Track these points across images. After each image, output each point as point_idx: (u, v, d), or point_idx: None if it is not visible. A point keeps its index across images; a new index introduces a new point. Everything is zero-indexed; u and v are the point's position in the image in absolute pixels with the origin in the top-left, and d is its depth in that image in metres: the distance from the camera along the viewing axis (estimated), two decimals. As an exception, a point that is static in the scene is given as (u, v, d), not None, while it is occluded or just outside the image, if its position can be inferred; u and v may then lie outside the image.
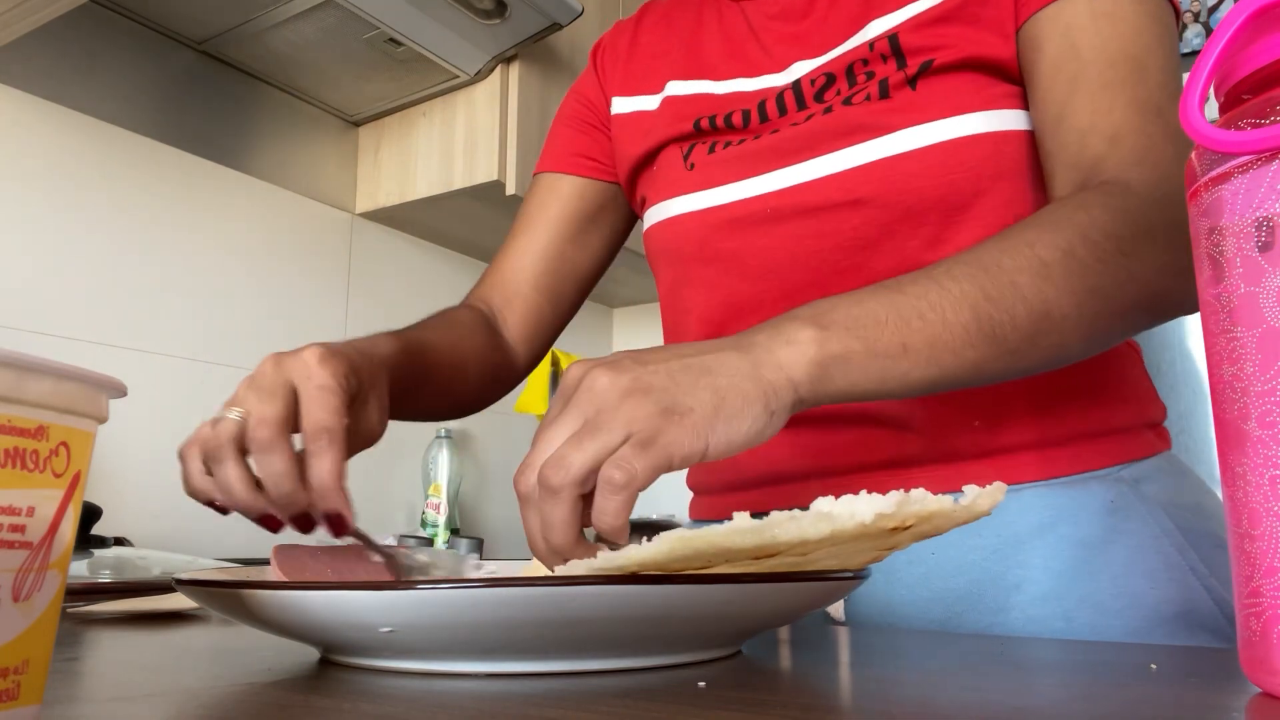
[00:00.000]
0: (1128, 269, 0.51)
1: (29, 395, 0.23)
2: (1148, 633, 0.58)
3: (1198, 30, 1.82)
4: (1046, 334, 0.50)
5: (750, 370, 0.44)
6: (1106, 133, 0.57)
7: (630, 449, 0.40)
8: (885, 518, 0.33)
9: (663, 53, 0.80)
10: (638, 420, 0.41)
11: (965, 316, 0.48)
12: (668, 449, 0.41)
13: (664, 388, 0.42)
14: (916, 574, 0.63)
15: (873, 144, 0.63)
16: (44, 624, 0.24)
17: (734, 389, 0.43)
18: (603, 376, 0.42)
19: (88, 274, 1.28)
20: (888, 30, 0.65)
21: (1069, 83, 0.59)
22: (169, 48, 1.41)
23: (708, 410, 0.42)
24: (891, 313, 0.48)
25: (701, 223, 0.71)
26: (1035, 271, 0.50)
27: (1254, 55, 0.30)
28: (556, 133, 0.86)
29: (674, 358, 0.44)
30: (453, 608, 0.32)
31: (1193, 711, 0.29)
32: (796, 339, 0.45)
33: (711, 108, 0.73)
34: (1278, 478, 0.28)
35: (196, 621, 0.58)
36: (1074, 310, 0.50)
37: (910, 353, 0.48)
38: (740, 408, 0.43)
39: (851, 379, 0.47)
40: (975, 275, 0.49)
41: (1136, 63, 0.58)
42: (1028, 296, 0.49)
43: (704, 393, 0.42)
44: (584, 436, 0.41)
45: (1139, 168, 0.55)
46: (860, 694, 0.34)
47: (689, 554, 0.33)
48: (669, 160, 0.75)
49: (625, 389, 0.42)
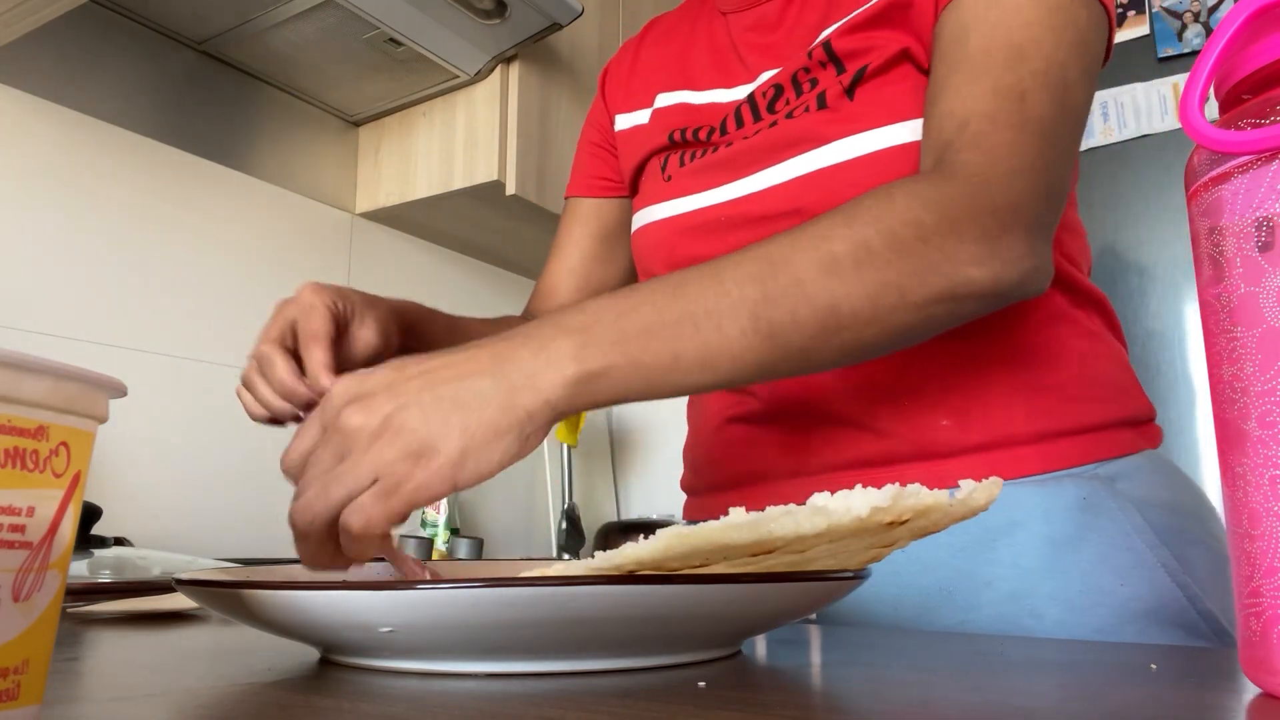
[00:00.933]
0: (926, 259, 0.50)
1: (29, 395, 0.23)
2: (1117, 629, 0.59)
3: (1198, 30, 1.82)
4: (836, 331, 0.49)
5: (504, 400, 0.44)
6: (959, 116, 0.56)
7: (371, 497, 0.42)
8: (880, 511, 0.33)
9: (658, 67, 0.84)
10: (384, 465, 0.42)
11: (743, 322, 0.48)
12: (413, 495, 0.42)
13: (414, 428, 0.43)
14: (888, 571, 0.63)
15: (811, 155, 0.65)
16: (44, 624, 0.24)
17: (485, 424, 0.44)
18: (355, 416, 0.44)
19: (87, 274, 1.28)
20: (824, 37, 0.67)
21: (948, 69, 0.58)
22: (169, 48, 1.41)
23: (455, 453, 0.43)
24: (664, 321, 0.47)
25: (671, 228, 0.74)
26: (824, 267, 0.49)
27: (1254, 55, 0.30)
28: (578, 158, 0.92)
29: (428, 387, 0.44)
30: (453, 608, 0.32)
31: (1193, 711, 0.29)
32: (556, 357, 0.45)
33: (686, 119, 0.77)
34: (1278, 478, 0.28)
35: (196, 621, 0.58)
36: (866, 305, 0.49)
37: (681, 362, 0.47)
38: (491, 442, 0.44)
39: (615, 392, 0.47)
40: (758, 275, 0.48)
41: (1016, 51, 0.56)
42: (812, 295, 0.48)
43: (454, 432, 0.43)
44: (331, 483, 0.43)
45: (971, 152, 0.54)
46: (860, 694, 0.34)
47: (686, 550, 0.33)
48: (651, 171, 0.79)
49: (375, 432, 0.43)
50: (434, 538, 1.66)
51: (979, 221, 0.51)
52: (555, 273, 0.88)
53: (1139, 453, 0.65)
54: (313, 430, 0.46)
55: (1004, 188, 0.53)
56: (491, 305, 1.95)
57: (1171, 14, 1.85)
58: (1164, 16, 1.86)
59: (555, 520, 1.94)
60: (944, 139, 0.56)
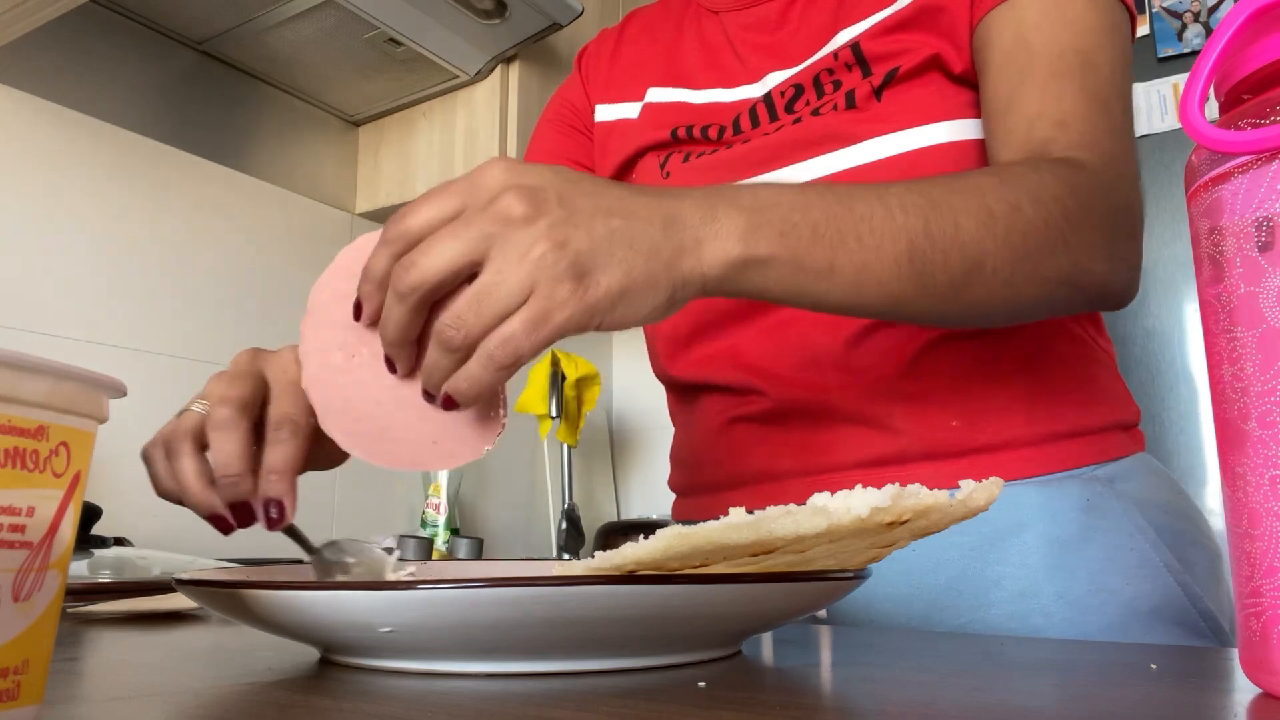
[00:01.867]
0: (1065, 239, 0.51)
1: (29, 395, 0.23)
2: (1123, 628, 0.60)
3: (1198, 30, 1.82)
4: (974, 285, 0.50)
5: (669, 256, 0.42)
6: (1055, 118, 0.56)
7: (523, 326, 0.39)
8: (880, 511, 0.33)
9: (644, 61, 0.81)
10: (545, 278, 0.39)
11: (901, 249, 0.47)
12: (563, 326, 0.40)
13: (579, 248, 0.40)
14: (897, 570, 0.63)
15: (840, 154, 0.64)
16: (44, 624, 0.24)
17: (646, 273, 0.41)
18: (520, 205, 0.40)
19: (87, 274, 1.28)
20: (850, 39, 0.66)
21: (1018, 73, 0.59)
22: (169, 48, 1.41)
23: (615, 288, 0.41)
24: (830, 226, 0.46)
25: None
26: (980, 219, 0.49)
27: (1254, 55, 0.30)
28: (540, 134, 0.87)
29: (600, 213, 0.41)
30: (453, 608, 0.32)
31: (1193, 711, 0.29)
32: (724, 231, 0.44)
33: (689, 117, 0.75)
34: (1278, 478, 0.28)
35: (196, 621, 0.58)
36: (1007, 266, 0.50)
37: (835, 273, 0.46)
38: (645, 291, 0.42)
39: (766, 284, 0.45)
40: (922, 208, 0.48)
41: (1085, 57, 0.58)
42: (966, 242, 0.48)
43: (618, 267, 0.41)
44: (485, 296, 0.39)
45: (1088, 151, 0.55)
46: (860, 694, 0.34)
47: (686, 550, 0.33)
48: (647, 168, 0.77)
49: (539, 233, 0.39)
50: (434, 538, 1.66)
51: (1108, 218, 0.53)
52: None
53: (1132, 455, 0.66)
54: (450, 202, 0.41)
55: (1120, 192, 0.55)
56: (491, 305, 1.95)
57: (1171, 14, 1.85)
58: (1164, 16, 1.86)
59: (555, 520, 1.94)
60: (1041, 136, 0.56)
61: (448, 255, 0.40)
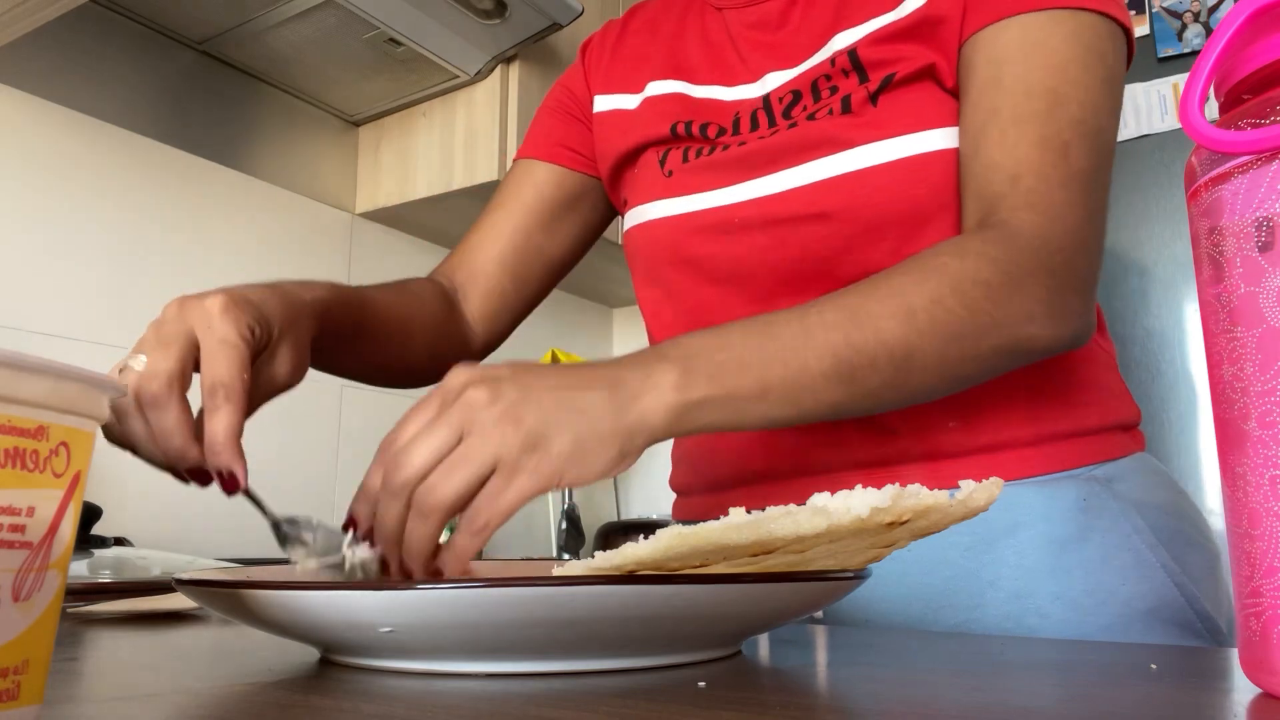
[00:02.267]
0: (992, 316, 0.54)
1: (29, 395, 0.23)
2: (1122, 628, 0.60)
3: (1198, 30, 1.82)
4: (906, 377, 0.53)
5: (613, 414, 0.47)
6: (1009, 170, 0.58)
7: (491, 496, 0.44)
8: (880, 511, 0.33)
9: (645, 54, 0.82)
10: (506, 448, 0.44)
11: (827, 364, 0.51)
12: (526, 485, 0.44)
13: (532, 421, 0.45)
14: (894, 570, 0.63)
15: (836, 158, 0.65)
16: (44, 624, 0.24)
17: (593, 432, 0.46)
18: (481, 394, 0.45)
19: (88, 274, 1.28)
20: (848, 46, 0.67)
21: (987, 113, 0.60)
22: (169, 48, 1.41)
23: (565, 450, 0.45)
24: (757, 357, 0.50)
25: (675, 227, 0.72)
26: (902, 319, 0.52)
27: (1254, 55, 0.30)
28: (539, 121, 0.87)
29: (549, 390, 0.46)
30: (453, 608, 0.32)
31: (1193, 711, 0.29)
32: (660, 384, 0.48)
33: (688, 112, 0.75)
34: (1278, 478, 0.28)
35: (196, 621, 0.58)
36: (935, 355, 0.53)
37: (769, 395, 0.50)
38: (596, 449, 0.46)
39: (707, 421, 0.50)
40: (843, 323, 0.52)
41: (1054, 96, 0.59)
42: (890, 343, 0.52)
43: (567, 432, 0.45)
44: (457, 465, 0.44)
45: (1029, 211, 0.57)
46: (860, 694, 0.34)
47: (686, 551, 0.33)
48: (647, 164, 0.77)
49: (499, 414, 0.44)
50: (434, 538, 1.66)
51: (1041, 283, 0.55)
52: (490, 232, 0.83)
53: (1130, 455, 0.67)
54: (428, 410, 0.46)
55: (1060, 249, 0.56)
56: (491, 305, 1.95)
57: (1171, 14, 1.85)
58: (1164, 16, 1.86)
59: (555, 520, 1.94)
60: (995, 191, 0.58)
61: (431, 447, 0.44)
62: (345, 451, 1.60)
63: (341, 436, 1.59)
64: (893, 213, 0.63)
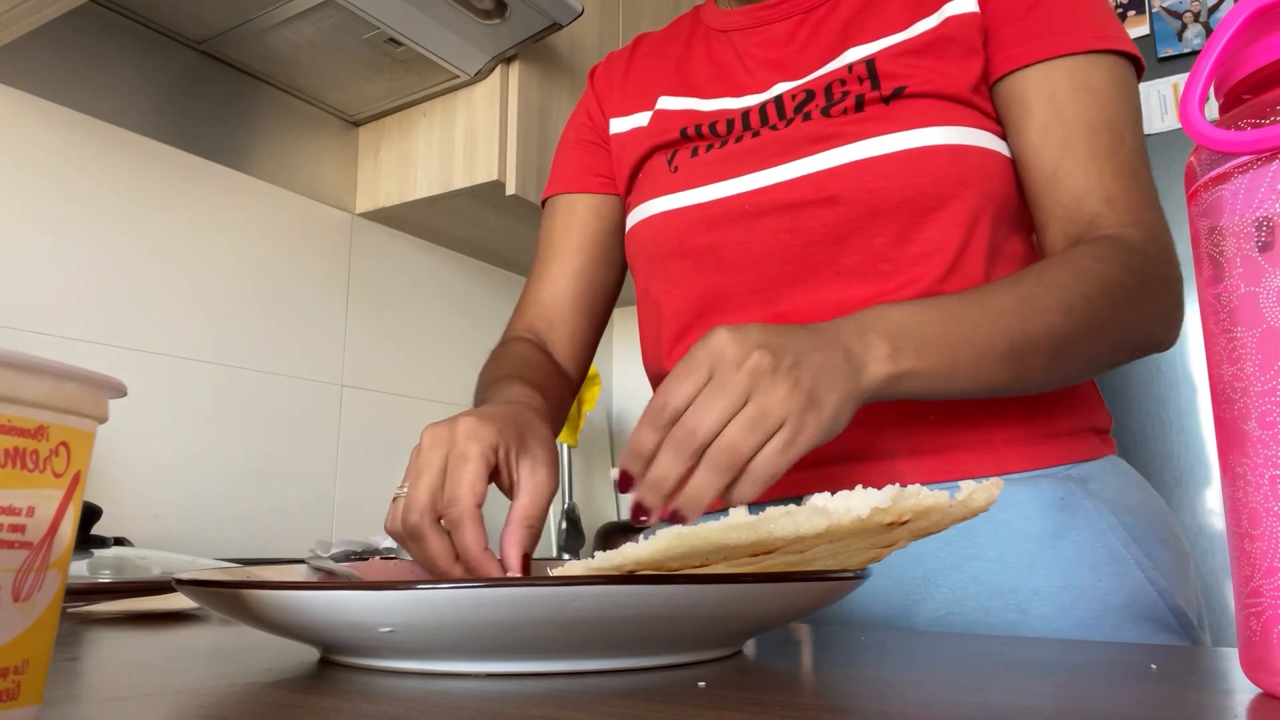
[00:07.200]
0: (1128, 316, 0.61)
1: (29, 395, 0.23)
2: (1097, 624, 0.62)
3: (1198, 30, 1.82)
4: (1059, 364, 0.59)
5: (852, 380, 0.52)
6: (1101, 195, 0.64)
7: (778, 445, 0.48)
8: (880, 512, 0.33)
9: (655, 76, 0.85)
10: (793, 411, 0.48)
11: (1002, 349, 0.57)
12: (805, 445, 0.48)
13: (808, 385, 0.49)
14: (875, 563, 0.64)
15: (845, 149, 0.68)
16: (44, 624, 0.24)
17: (843, 393, 0.51)
18: (766, 359, 0.49)
19: (88, 274, 1.28)
20: (866, 56, 0.71)
21: (1058, 148, 0.66)
22: (169, 48, 1.41)
23: (831, 411, 0.50)
24: (950, 339, 0.56)
25: (681, 219, 0.74)
26: (1064, 312, 0.58)
27: (1254, 55, 0.30)
28: (565, 155, 0.90)
29: (809, 352, 0.50)
30: (453, 608, 0.32)
31: (1193, 711, 0.29)
32: (877, 355, 0.53)
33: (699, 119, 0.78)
34: (1278, 478, 0.28)
35: (196, 621, 0.58)
36: (1084, 347, 0.60)
37: (956, 372, 0.56)
38: (842, 410, 0.51)
39: (901, 391, 0.55)
40: (1016, 310, 0.57)
41: (1114, 132, 0.66)
42: (1054, 334, 0.58)
43: (831, 394, 0.50)
44: (757, 423, 0.48)
45: (1134, 228, 0.63)
46: (860, 694, 0.34)
47: (686, 551, 0.33)
48: (654, 165, 0.79)
49: (782, 378, 0.48)
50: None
51: (1160, 289, 0.63)
52: (557, 278, 0.85)
53: (1104, 457, 0.70)
54: (698, 375, 0.49)
55: (1170, 262, 0.64)
56: (490, 305, 1.95)
57: (1171, 14, 1.85)
58: (1164, 16, 1.86)
59: (555, 520, 1.94)
60: (1091, 211, 0.64)
61: (724, 407, 0.48)
62: (345, 451, 1.60)
63: (341, 436, 1.59)
64: (896, 199, 0.66)
